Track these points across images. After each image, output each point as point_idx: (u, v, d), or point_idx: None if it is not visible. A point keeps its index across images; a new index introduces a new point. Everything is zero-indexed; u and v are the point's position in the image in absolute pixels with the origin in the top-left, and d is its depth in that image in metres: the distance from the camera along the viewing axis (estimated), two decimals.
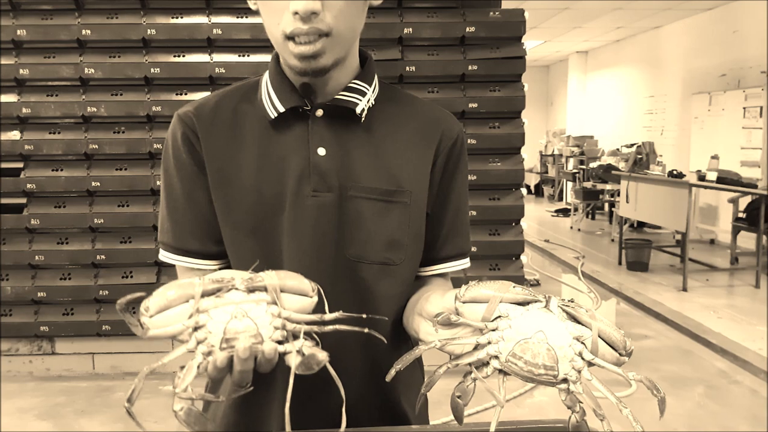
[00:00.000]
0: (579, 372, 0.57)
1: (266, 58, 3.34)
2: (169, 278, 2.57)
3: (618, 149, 9.03)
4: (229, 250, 0.89)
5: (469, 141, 3.36)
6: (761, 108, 6.51)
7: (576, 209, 9.02)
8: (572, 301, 0.60)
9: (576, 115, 11.55)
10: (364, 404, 0.91)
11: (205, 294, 0.60)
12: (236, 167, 0.87)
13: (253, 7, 0.83)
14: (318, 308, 0.66)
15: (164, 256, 0.92)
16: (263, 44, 3.37)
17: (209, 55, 3.38)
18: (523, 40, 3.43)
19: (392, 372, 0.65)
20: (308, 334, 0.63)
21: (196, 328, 0.60)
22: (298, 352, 0.61)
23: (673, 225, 5.68)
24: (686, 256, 5.31)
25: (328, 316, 0.64)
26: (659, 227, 7.40)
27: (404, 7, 3.35)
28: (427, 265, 0.96)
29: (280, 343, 0.61)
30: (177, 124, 0.89)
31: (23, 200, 3.43)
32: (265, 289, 0.62)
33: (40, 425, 3.04)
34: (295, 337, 0.62)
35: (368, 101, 0.88)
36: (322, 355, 0.61)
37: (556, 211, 10.08)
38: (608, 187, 8.10)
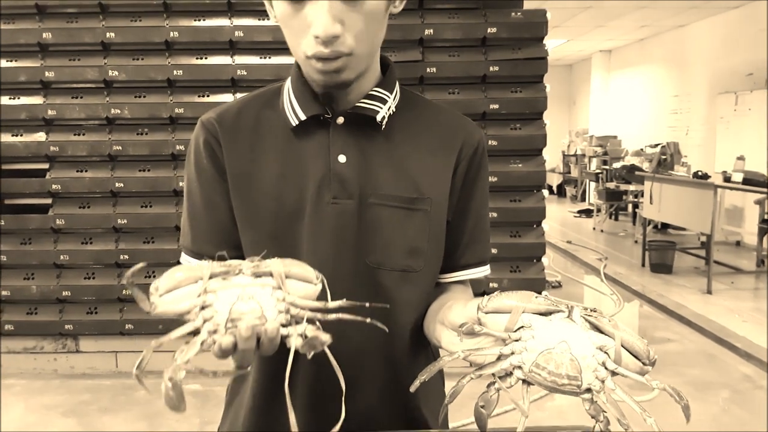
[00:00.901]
0: (602, 382, 0.56)
1: (287, 60, 3.35)
2: None
3: (642, 149, 8.91)
4: (248, 255, 0.89)
5: (490, 142, 3.35)
6: None
7: (599, 210, 8.94)
8: (595, 311, 0.59)
9: (599, 115, 11.45)
10: (385, 409, 0.91)
11: (213, 276, 0.62)
12: (257, 173, 0.88)
13: (273, 20, 0.83)
14: (322, 299, 0.67)
15: (184, 259, 0.93)
16: (285, 46, 3.34)
17: (231, 57, 3.40)
18: (545, 40, 3.41)
19: (416, 383, 0.65)
20: (311, 322, 0.64)
21: (203, 307, 0.61)
22: (301, 335, 0.62)
23: (697, 227, 5.61)
24: (711, 258, 5.22)
25: (332, 304, 0.65)
26: (683, 229, 7.30)
27: (425, 8, 3.34)
28: (447, 272, 0.96)
29: (283, 326, 0.62)
30: (200, 131, 0.90)
31: (48, 201, 3.49)
32: (270, 274, 0.63)
33: (65, 422, 3.09)
34: (298, 322, 0.63)
35: (389, 109, 0.88)
36: (326, 337, 0.62)
37: (579, 211, 9.99)
38: (632, 187, 8.01)
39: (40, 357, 3.67)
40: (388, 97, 0.89)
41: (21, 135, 3.44)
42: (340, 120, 0.86)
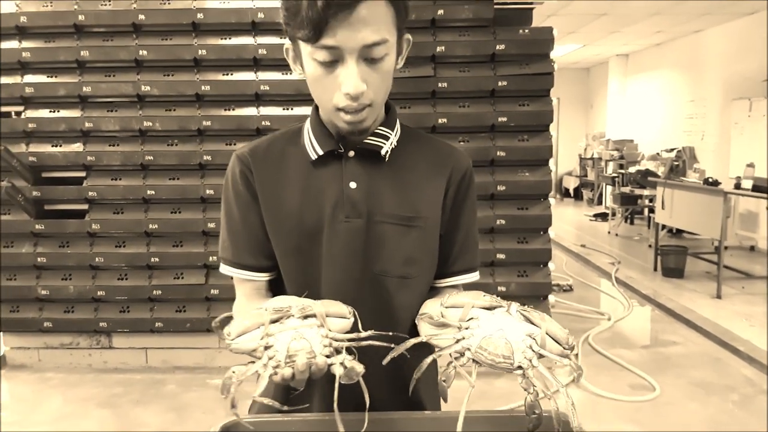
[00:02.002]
0: (530, 361, 0.74)
1: None
2: (217, 280, 2.85)
3: (658, 153, 8.94)
4: (280, 263, 1.07)
5: (498, 153, 3.52)
6: None
7: (614, 214, 8.98)
8: (530, 306, 0.78)
9: (616, 119, 11.40)
10: (388, 394, 1.07)
11: (272, 322, 0.80)
12: (283, 197, 1.04)
13: (298, 75, 1.00)
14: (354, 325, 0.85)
15: (224, 269, 1.10)
16: None
17: (255, 73, 3.56)
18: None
19: (388, 358, 0.83)
20: (348, 349, 0.81)
21: (266, 347, 0.79)
22: (341, 363, 0.79)
23: (708, 232, 5.68)
24: (721, 263, 5.30)
25: (363, 334, 0.83)
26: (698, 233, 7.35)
27: (437, 26, 3.49)
28: (441, 278, 1.12)
29: (328, 356, 0.79)
30: (235, 163, 1.07)
31: (85, 207, 3.67)
32: (314, 315, 0.81)
33: (100, 413, 3.28)
34: (338, 351, 0.80)
35: (391, 144, 1.06)
36: (360, 368, 0.79)
37: (595, 215, 10.03)
38: (646, 192, 8.06)
39: (76, 352, 3.87)
40: (390, 134, 1.06)
41: (60, 145, 3.63)
42: (351, 153, 1.03)
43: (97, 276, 3.69)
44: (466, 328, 0.77)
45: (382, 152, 1.04)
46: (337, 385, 0.78)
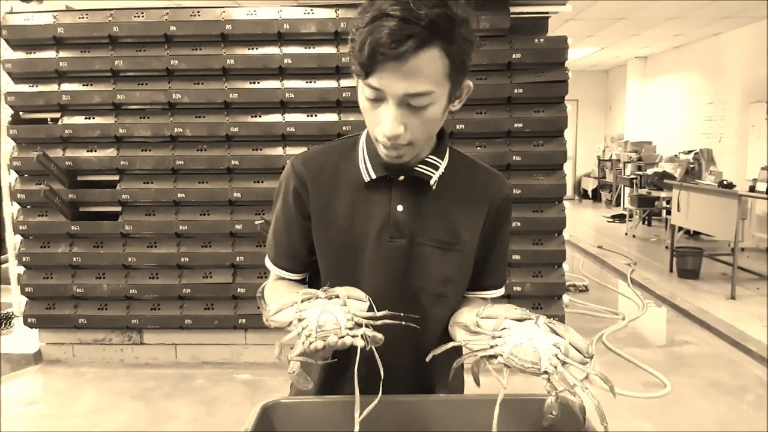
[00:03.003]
0: (555, 367, 0.86)
1: (330, 84, 3.68)
2: (243, 279, 3.03)
3: (676, 155, 8.95)
4: (322, 274, 1.16)
5: (514, 158, 3.62)
6: None
7: (632, 215, 9.01)
8: (555, 318, 0.89)
9: (634, 120, 11.36)
10: (408, 388, 1.16)
11: (303, 301, 0.94)
12: (334, 213, 1.11)
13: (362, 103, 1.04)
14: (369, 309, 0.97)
15: (268, 264, 1.22)
16: (328, 72, 3.68)
17: (281, 81, 3.68)
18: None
19: (430, 356, 0.94)
20: (367, 326, 0.94)
21: (299, 320, 0.92)
22: (362, 336, 0.91)
23: (722, 234, 5.73)
24: (735, 264, 5.37)
25: (379, 314, 0.95)
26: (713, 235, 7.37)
27: None
28: (473, 291, 1.21)
29: (350, 329, 0.91)
30: (291, 175, 1.14)
31: (119, 209, 3.81)
32: (337, 296, 0.94)
33: (133, 406, 3.43)
34: (359, 326, 0.92)
35: (440, 172, 1.11)
36: (380, 335, 0.92)
37: (613, 216, 10.05)
38: (663, 194, 8.08)
39: (109, 348, 4.02)
40: (440, 164, 1.11)
41: (95, 150, 3.77)
42: (401, 178, 1.09)
43: (130, 275, 3.83)
44: (499, 337, 0.89)
45: (431, 182, 1.10)
46: (359, 350, 0.89)
